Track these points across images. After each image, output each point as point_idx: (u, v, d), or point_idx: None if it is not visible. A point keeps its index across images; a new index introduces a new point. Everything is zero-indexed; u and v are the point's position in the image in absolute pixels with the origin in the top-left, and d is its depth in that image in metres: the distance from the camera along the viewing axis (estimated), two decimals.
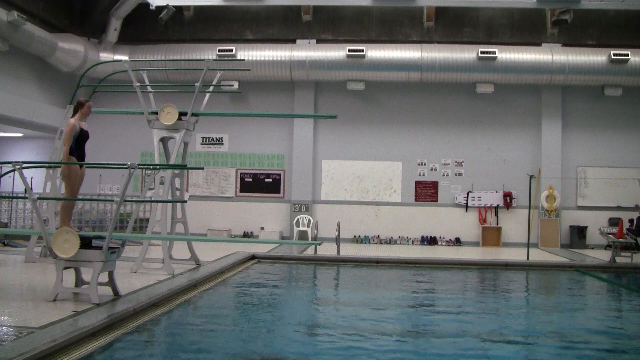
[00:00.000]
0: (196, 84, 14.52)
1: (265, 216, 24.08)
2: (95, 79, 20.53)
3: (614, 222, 22.34)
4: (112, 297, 9.99)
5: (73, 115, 10.69)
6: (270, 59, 22.86)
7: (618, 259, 18.44)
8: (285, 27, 24.00)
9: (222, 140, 24.45)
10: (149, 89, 15.25)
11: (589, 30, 23.60)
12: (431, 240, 23.67)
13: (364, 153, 24.08)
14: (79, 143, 10.46)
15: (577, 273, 16.90)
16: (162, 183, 14.55)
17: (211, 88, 15.78)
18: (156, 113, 14.26)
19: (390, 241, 23.71)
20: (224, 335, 8.82)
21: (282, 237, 23.68)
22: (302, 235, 22.99)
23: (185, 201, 14.83)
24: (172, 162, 14.20)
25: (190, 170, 23.68)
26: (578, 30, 23.39)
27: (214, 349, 7.88)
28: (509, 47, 22.68)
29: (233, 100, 24.09)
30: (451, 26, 23.81)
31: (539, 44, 23.24)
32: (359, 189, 24.05)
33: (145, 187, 11.72)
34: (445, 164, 24.06)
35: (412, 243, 23.65)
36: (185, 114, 14.36)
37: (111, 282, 10.16)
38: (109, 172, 23.51)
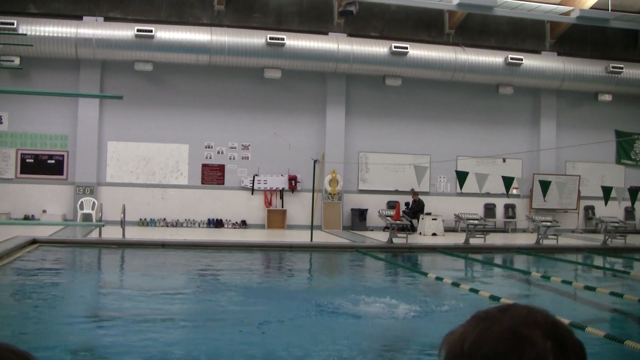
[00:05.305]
0: None
1: (48, 199, 22.93)
2: None
3: (391, 205, 23.57)
4: None
5: None
6: (55, 35, 21.71)
7: (395, 240, 19.65)
8: (71, 2, 22.83)
9: (1, 119, 23.09)
10: None
11: (373, 23, 24.71)
12: (217, 223, 23.72)
13: (151, 135, 23.53)
14: None
15: (358, 253, 17.78)
16: None
17: None
18: None
19: (176, 224, 23.46)
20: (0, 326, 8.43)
21: (65, 221, 22.86)
22: (86, 218, 22.23)
23: None
24: None
25: None
26: (363, 21, 24.41)
27: None
28: (297, 35, 23.22)
29: (13, 77, 22.68)
30: (241, 11, 23.93)
31: (325, 33, 23.98)
32: (145, 171, 23.55)
33: None
34: (232, 147, 24.15)
35: (199, 226, 23.57)
36: None
37: None
38: None
